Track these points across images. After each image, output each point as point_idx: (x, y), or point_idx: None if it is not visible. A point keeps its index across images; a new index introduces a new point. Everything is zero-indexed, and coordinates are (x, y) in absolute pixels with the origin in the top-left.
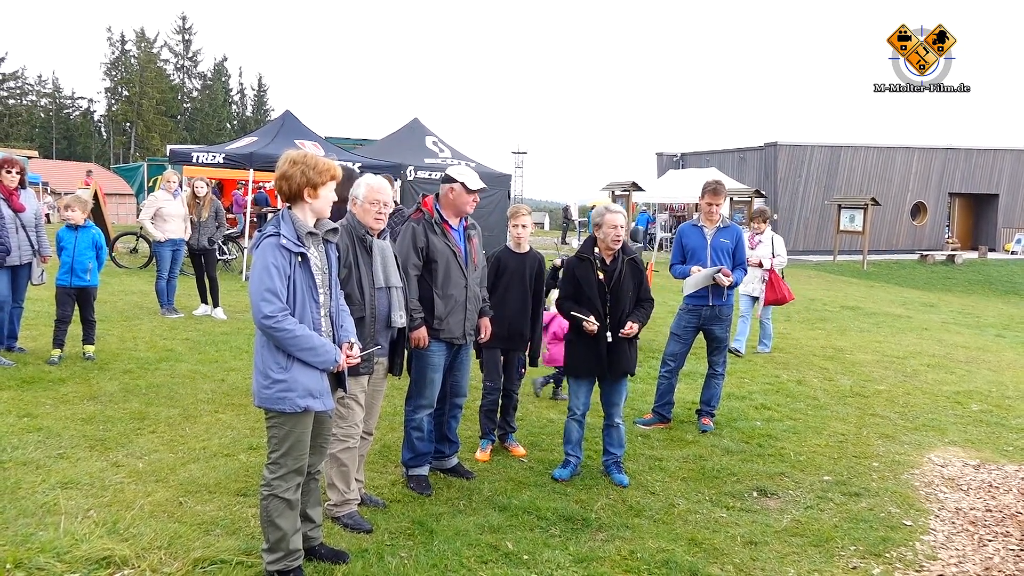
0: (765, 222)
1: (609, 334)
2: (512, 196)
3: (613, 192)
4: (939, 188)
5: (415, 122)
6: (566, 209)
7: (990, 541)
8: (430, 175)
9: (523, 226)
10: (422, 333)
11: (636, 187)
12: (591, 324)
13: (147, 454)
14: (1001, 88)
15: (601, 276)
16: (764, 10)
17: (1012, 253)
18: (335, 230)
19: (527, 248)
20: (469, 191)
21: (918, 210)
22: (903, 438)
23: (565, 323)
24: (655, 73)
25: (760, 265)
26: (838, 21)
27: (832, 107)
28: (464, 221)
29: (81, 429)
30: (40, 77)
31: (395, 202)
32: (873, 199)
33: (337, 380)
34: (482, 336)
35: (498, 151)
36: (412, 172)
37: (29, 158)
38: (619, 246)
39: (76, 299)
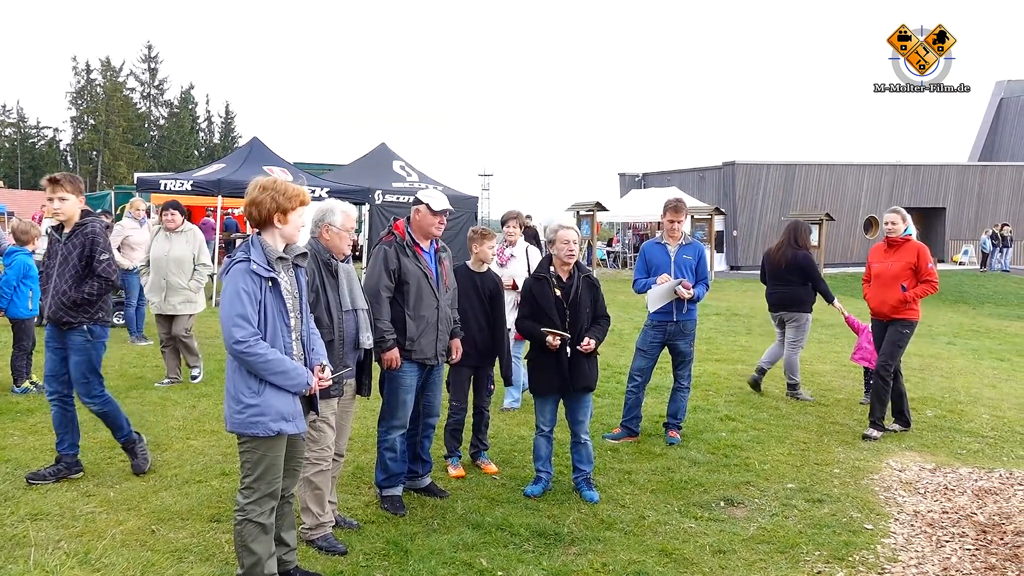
0: (520, 228)
1: (569, 349)
2: (479, 218)
3: (578, 212)
4: (889, 203)
5: (382, 147)
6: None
7: (947, 542)
8: (398, 199)
9: (490, 247)
10: (394, 354)
11: (600, 207)
12: (555, 340)
13: (118, 483)
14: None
15: (558, 293)
16: (754, 16)
17: (960, 264)
18: (304, 255)
19: (485, 268)
20: (434, 212)
21: (870, 224)
22: (862, 444)
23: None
24: (617, 95)
25: (516, 287)
26: (838, 21)
27: (790, 124)
28: (435, 244)
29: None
30: (4, 107)
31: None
32: (827, 215)
33: (309, 403)
34: (454, 357)
35: (465, 174)
36: (380, 196)
37: None
38: (573, 261)
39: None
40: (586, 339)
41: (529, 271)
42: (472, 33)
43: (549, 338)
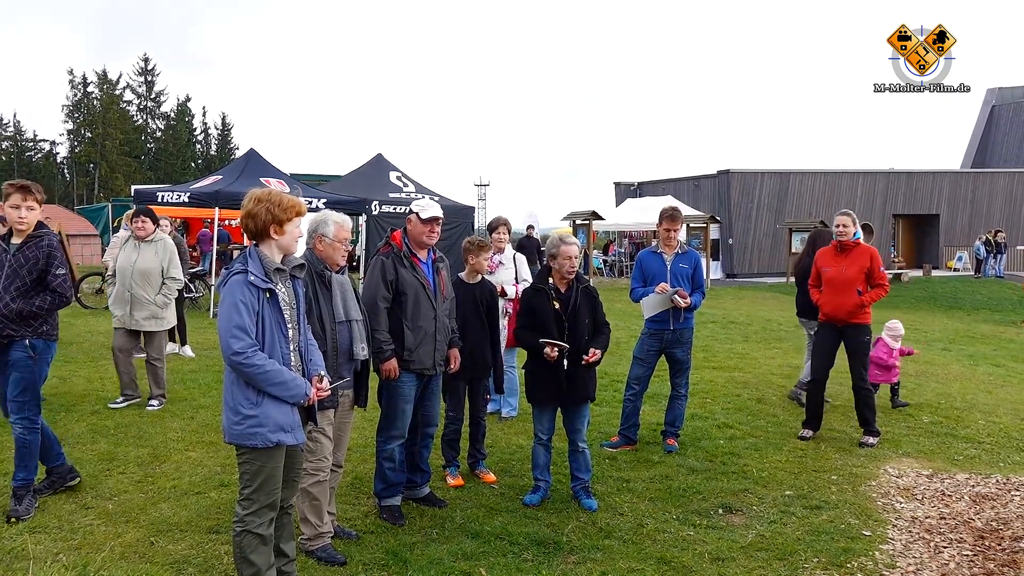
0: (508, 235)
1: (566, 361)
2: (476, 228)
3: (574, 221)
4: (883, 210)
5: (379, 157)
6: None
7: (945, 548)
8: (395, 210)
9: (486, 258)
10: (393, 364)
11: (596, 216)
12: (553, 352)
13: (116, 495)
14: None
15: (557, 305)
16: (752, 17)
17: (954, 270)
18: (302, 266)
19: (479, 278)
20: (423, 221)
21: (865, 232)
22: (859, 451)
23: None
24: (612, 104)
25: (504, 294)
26: (838, 21)
27: (787, 128)
28: (432, 254)
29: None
30: (1, 120)
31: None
32: (822, 222)
33: (307, 413)
34: (452, 367)
35: (463, 184)
36: (377, 207)
37: None
38: (573, 275)
39: None
40: (591, 350)
41: (516, 278)
42: (468, 43)
43: (547, 350)
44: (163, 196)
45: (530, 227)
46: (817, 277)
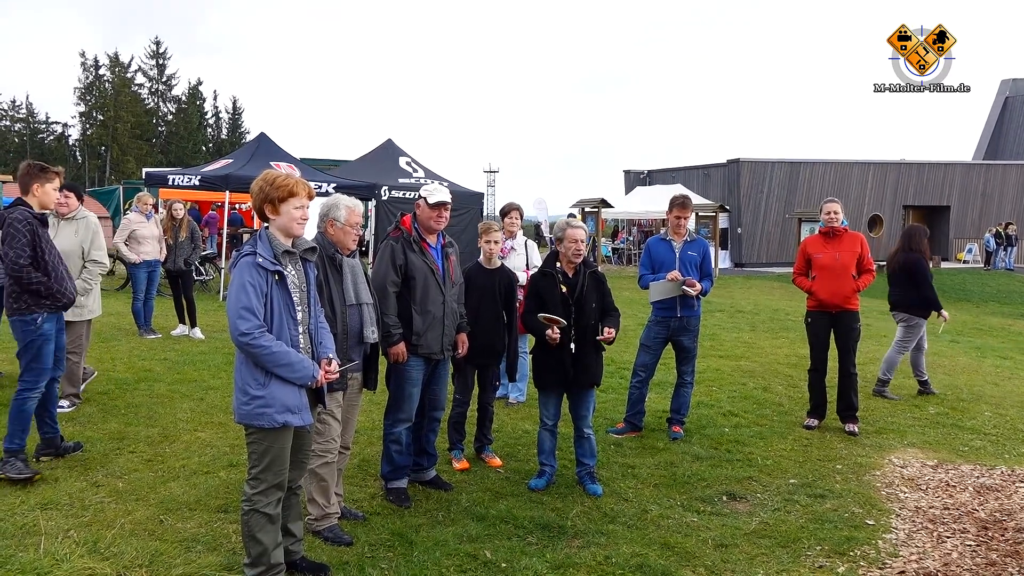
0: (520, 220)
1: (573, 345)
2: (485, 214)
3: (583, 209)
4: (894, 201)
5: (389, 143)
6: (538, 226)
7: (948, 538)
8: (404, 195)
9: (495, 242)
10: (401, 348)
11: (605, 204)
12: (555, 333)
13: (127, 473)
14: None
15: (564, 289)
16: (756, 15)
17: (964, 262)
18: (313, 249)
19: (498, 264)
20: (431, 206)
21: (875, 222)
22: (864, 441)
23: None
24: (623, 93)
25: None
26: (839, 21)
27: (794, 123)
28: (442, 239)
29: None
30: (14, 102)
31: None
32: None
33: (316, 395)
34: (460, 351)
35: (472, 170)
36: (386, 192)
37: (3, 183)
38: (580, 259)
39: None
40: (607, 329)
41: (527, 265)
42: (479, 29)
43: (549, 332)
44: (174, 179)
45: (571, 215)
46: (805, 265)
